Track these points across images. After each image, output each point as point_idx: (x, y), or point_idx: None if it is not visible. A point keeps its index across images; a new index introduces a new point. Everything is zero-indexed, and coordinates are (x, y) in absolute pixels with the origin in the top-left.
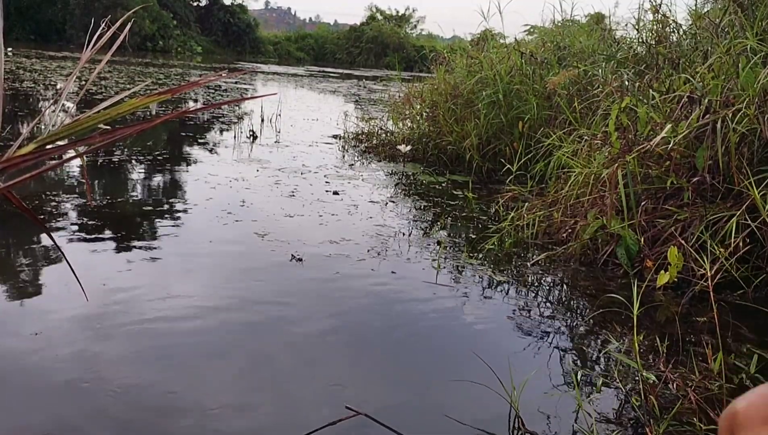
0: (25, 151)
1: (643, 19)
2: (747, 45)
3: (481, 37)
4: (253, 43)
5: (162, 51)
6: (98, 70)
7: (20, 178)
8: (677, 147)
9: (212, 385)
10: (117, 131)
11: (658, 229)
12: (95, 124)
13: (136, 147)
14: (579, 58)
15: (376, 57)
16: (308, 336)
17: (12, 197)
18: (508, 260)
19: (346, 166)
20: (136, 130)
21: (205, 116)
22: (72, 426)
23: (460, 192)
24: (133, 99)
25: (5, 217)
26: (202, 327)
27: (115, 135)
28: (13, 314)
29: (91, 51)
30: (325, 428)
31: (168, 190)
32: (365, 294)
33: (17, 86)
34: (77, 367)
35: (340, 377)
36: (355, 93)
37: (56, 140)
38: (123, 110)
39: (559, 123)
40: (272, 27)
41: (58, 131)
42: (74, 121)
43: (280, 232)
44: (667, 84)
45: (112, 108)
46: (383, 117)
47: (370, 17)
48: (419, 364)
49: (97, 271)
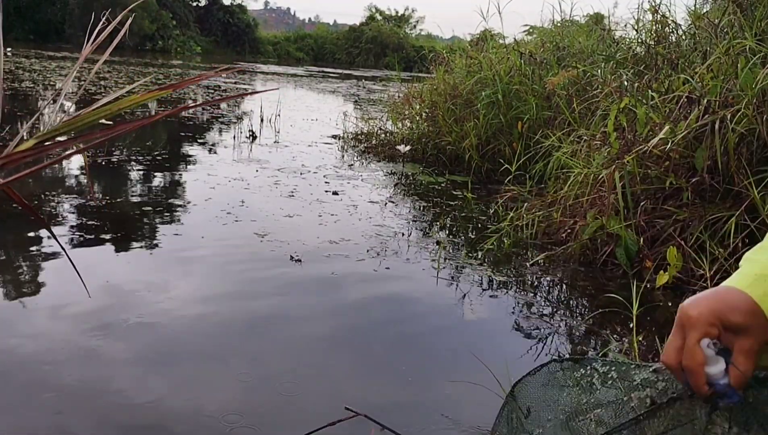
0: (24, 148)
1: (642, 19)
2: (746, 45)
3: (481, 37)
4: (253, 43)
5: (161, 51)
6: (97, 67)
7: (20, 174)
8: (676, 147)
9: (211, 385)
10: (117, 127)
11: (657, 229)
12: (95, 119)
13: (135, 147)
14: (578, 58)
15: (375, 57)
16: (307, 336)
17: (12, 193)
18: (507, 260)
19: (345, 166)
20: (136, 126)
21: (205, 116)
22: (72, 426)
23: (459, 192)
24: (133, 95)
25: (5, 216)
26: (201, 327)
27: (115, 130)
28: (13, 314)
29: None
30: (324, 428)
31: (167, 190)
32: (364, 294)
33: (16, 86)
34: (77, 367)
35: (339, 377)
36: (354, 93)
37: (56, 136)
38: (123, 106)
39: (559, 123)
40: (272, 27)
41: (57, 127)
42: (74, 117)
43: (280, 232)
44: (666, 84)
45: (112, 104)
46: (382, 117)
47: (370, 17)
48: (418, 365)
49: (96, 271)
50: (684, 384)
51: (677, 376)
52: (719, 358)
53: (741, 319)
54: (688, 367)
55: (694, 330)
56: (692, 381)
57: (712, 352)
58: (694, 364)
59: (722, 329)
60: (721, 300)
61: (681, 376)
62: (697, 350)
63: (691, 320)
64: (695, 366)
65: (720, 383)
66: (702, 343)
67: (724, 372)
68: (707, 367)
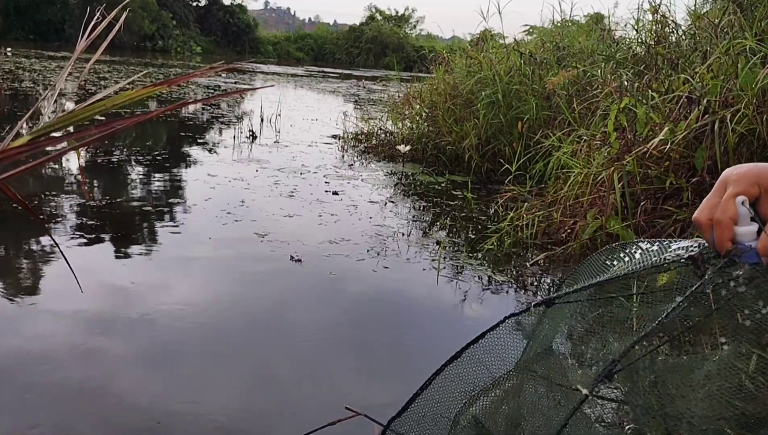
0: (20, 143)
1: (642, 19)
2: (746, 45)
3: (481, 37)
4: (253, 43)
5: (161, 51)
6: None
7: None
8: (676, 147)
9: (211, 385)
10: (114, 123)
11: (657, 229)
12: (92, 115)
13: (135, 147)
14: (578, 58)
15: (375, 57)
16: (307, 336)
17: (7, 189)
18: (507, 260)
19: (345, 166)
20: (133, 122)
21: (205, 116)
22: (72, 426)
23: (459, 192)
24: (131, 90)
25: (4, 216)
26: (201, 327)
27: (112, 126)
28: (13, 314)
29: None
30: (324, 428)
31: (167, 190)
32: (364, 294)
33: (16, 86)
34: (77, 367)
35: (339, 377)
36: (354, 93)
37: (52, 132)
38: (120, 101)
39: (559, 123)
40: (272, 27)
41: (53, 122)
42: (69, 113)
43: (280, 232)
44: (666, 84)
45: (108, 99)
46: (382, 117)
47: (370, 17)
48: (418, 365)
49: (96, 271)
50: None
51: (705, 234)
52: (753, 223)
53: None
54: (718, 220)
55: (735, 185)
56: (717, 234)
57: (746, 211)
58: (725, 217)
59: (765, 192)
60: (764, 166)
61: (709, 234)
62: (731, 204)
63: (732, 177)
64: (725, 219)
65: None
66: (737, 200)
67: (754, 235)
68: (738, 227)
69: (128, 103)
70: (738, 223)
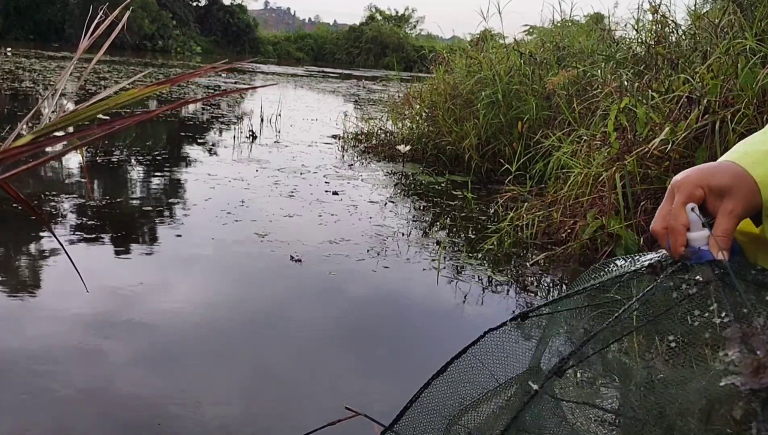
0: (21, 143)
1: (642, 19)
2: (746, 45)
3: (481, 37)
4: (253, 43)
5: (161, 51)
6: (95, 62)
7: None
8: (677, 147)
9: (211, 385)
10: (116, 122)
11: None
12: (94, 114)
13: (135, 147)
14: (578, 58)
15: (375, 57)
16: (307, 336)
17: (9, 188)
18: (507, 260)
19: (345, 166)
20: (134, 121)
21: (205, 116)
22: (72, 426)
23: (459, 192)
24: (132, 90)
25: (6, 216)
26: (202, 327)
27: (113, 126)
28: (14, 314)
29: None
30: (324, 428)
31: (167, 190)
32: (364, 294)
33: (16, 86)
34: (77, 367)
35: (339, 377)
36: (354, 93)
37: (54, 131)
38: (122, 100)
39: (559, 123)
40: (272, 27)
41: (55, 122)
42: (71, 112)
43: (280, 232)
44: (666, 84)
45: (110, 99)
46: (382, 117)
47: (370, 17)
48: (418, 365)
49: (96, 271)
50: (668, 250)
51: (662, 242)
52: (704, 229)
53: (725, 180)
54: (671, 227)
55: (680, 192)
56: (672, 241)
57: (697, 217)
58: (677, 224)
59: (708, 192)
60: (707, 167)
61: (665, 242)
62: (681, 211)
63: (677, 183)
64: (678, 226)
65: (696, 248)
66: (687, 207)
67: (706, 240)
68: (690, 233)
69: (129, 103)
70: (690, 229)
